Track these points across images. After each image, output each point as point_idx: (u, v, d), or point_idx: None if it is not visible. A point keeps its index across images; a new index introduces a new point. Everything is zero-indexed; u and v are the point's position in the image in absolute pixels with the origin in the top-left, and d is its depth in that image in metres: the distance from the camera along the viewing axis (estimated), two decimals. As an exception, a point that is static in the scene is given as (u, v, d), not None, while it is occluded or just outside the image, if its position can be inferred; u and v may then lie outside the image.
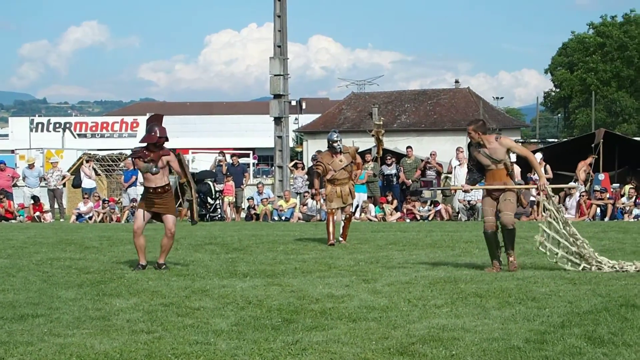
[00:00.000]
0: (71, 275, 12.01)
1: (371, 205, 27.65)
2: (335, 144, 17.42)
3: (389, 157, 28.58)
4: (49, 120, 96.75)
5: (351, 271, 12.10)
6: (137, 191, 29.86)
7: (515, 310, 8.51)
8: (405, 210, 27.31)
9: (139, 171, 30.04)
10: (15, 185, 31.47)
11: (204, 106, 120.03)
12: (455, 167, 28.12)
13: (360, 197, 26.31)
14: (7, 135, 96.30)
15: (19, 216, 29.65)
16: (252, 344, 7.08)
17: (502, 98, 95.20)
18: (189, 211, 13.34)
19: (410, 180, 28.12)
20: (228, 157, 31.72)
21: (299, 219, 27.84)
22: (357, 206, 26.58)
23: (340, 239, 17.42)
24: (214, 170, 30.61)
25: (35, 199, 29.85)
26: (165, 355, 6.68)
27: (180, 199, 13.06)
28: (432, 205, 27.35)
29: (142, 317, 8.41)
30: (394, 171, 28.32)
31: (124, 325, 8.02)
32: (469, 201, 26.40)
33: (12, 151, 59.58)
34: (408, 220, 26.65)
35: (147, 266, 12.71)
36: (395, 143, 42.87)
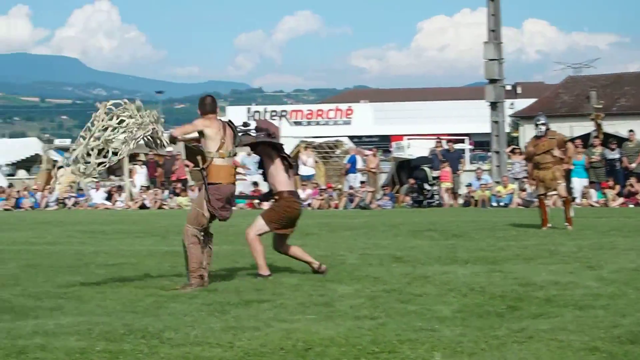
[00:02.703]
0: (292, 261, 12.19)
1: (592, 191, 26.90)
2: (535, 129, 17.49)
3: (612, 142, 27.73)
4: (265, 108, 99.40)
5: (575, 257, 11.80)
6: (357, 177, 30.23)
7: None
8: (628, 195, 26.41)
9: (356, 157, 29.77)
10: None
11: (417, 92, 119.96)
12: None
13: (581, 182, 25.68)
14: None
15: (239, 204, 30.60)
16: (476, 331, 6.97)
17: None
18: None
19: (633, 165, 27.15)
20: (444, 143, 31.60)
21: (519, 204, 27.39)
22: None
23: (566, 224, 17.08)
24: (430, 157, 30.58)
25: (255, 184, 30.76)
26: (390, 342, 6.64)
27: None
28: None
29: (365, 303, 8.44)
30: (617, 155, 27.44)
31: (347, 311, 8.06)
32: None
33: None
34: (632, 206, 25.74)
35: (269, 275, 10.75)
36: (615, 127, 41.48)
